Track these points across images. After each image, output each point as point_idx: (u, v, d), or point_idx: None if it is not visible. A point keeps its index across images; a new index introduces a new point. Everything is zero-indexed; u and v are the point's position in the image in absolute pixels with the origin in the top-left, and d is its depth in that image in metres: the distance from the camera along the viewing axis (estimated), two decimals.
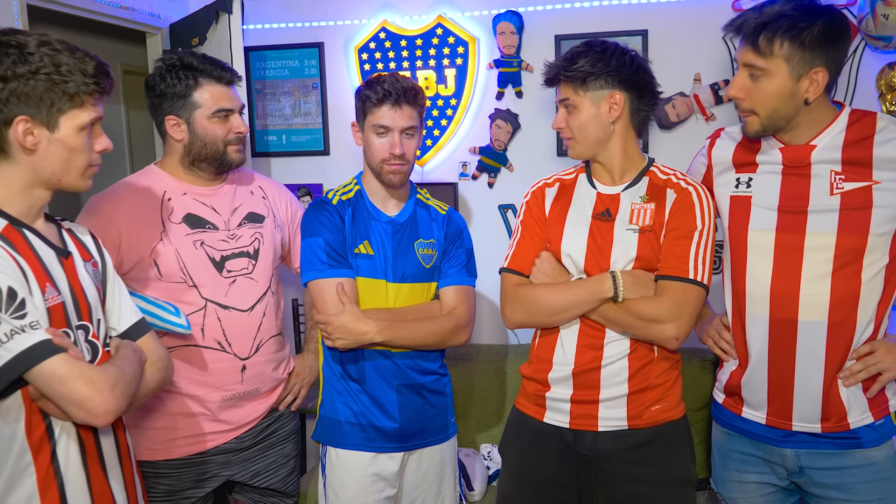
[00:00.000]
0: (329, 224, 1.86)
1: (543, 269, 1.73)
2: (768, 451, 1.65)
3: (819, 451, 1.60)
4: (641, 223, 1.66)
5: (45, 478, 1.30)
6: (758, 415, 1.66)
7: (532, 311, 1.71)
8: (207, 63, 1.88)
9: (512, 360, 2.76)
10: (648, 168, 1.74)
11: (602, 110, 1.67)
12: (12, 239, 1.30)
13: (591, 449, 1.70)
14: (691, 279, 1.61)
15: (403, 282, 1.88)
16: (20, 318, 1.22)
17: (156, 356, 1.53)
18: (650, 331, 1.62)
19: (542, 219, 1.78)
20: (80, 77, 1.32)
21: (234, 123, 1.90)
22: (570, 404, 1.71)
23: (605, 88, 1.66)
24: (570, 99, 1.68)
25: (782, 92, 1.53)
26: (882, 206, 1.52)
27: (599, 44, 1.68)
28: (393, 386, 1.87)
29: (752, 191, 1.63)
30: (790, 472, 1.64)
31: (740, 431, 1.70)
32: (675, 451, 1.71)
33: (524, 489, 1.78)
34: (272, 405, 2.02)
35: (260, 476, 2.01)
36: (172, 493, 1.88)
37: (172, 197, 1.88)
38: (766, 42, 1.50)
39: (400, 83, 1.82)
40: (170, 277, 1.82)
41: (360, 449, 1.88)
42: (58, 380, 1.23)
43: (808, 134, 1.58)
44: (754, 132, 1.60)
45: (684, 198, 1.66)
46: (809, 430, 1.60)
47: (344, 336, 1.78)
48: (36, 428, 1.29)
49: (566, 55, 1.69)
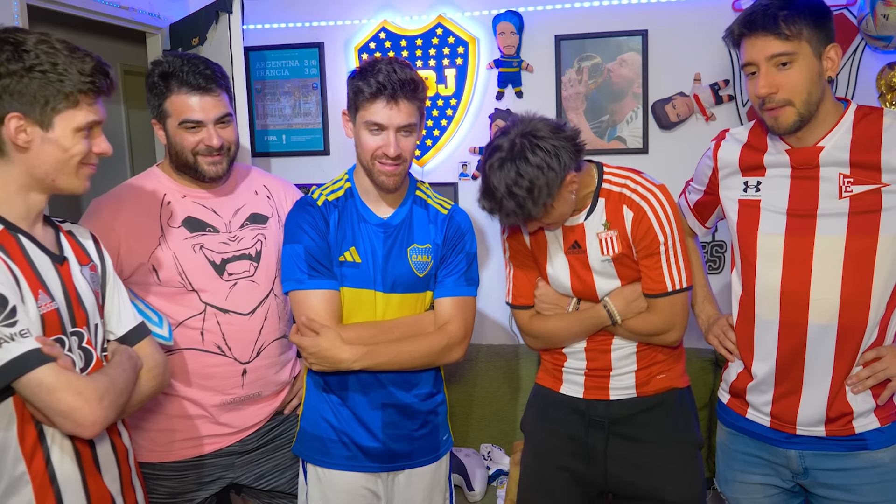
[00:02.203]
0: (310, 230, 1.73)
1: (545, 299, 1.83)
2: (773, 452, 1.65)
3: (824, 452, 1.58)
4: (613, 252, 1.72)
5: (42, 486, 1.28)
6: (762, 417, 1.65)
7: (547, 343, 1.86)
8: (183, 68, 1.78)
9: (513, 360, 2.76)
10: (600, 186, 1.71)
11: (566, 195, 1.61)
12: (6, 244, 1.29)
13: (603, 415, 1.80)
14: (672, 291, 1.70)
15: (394, 291, 1.75)
16: (10, 327, 1.20)
17: (152, 362, 1.51)
18: (653, 341, 1.77)
19: (525, 251, 1.84)
20: (77, 76, 1.30)
21: (203, 135, 1.80)
22: (585, 377, 1.82)
23: (559, 183, 1.56)
24: (537, 218, 1.62)
25: (812, 73, 1.49)
26: (891, 208, 1.49)
27: (519, 156, 1.55)
28: (377, 405, 1.76)
29: (760, 195, 1.61)
30: (795, 474, 1.63)
31: (744, 432, 1.70)
32: (681, 415, 1.81)
33: (539, 460, 1.86)
34: (276, 409, 2.00)
35: (265, 479, 1.99)
36: (174, 496, 1.87)
37: (172, 200, 1.86)
38: (789, 25, 1.47)
39: (397, 74, 1.63)
40: (169, 282, 1.80)
41: (342, 468, 1.78)
42: (45, 390, 1.22)
43: (816, 134, 1.55)
44: (791, 123, 1.52)
45: (639, 217, 1.67)
46: (814, 434, 1.59)
47: (320, 363, 1.69)
48: (28, 436, 1.28)
49: (505, 194, 1.55)
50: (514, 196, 1.55)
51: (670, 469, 1.75)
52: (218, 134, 1.81)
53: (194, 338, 1.83)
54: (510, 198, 1.55)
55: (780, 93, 1.51)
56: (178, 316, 1.82)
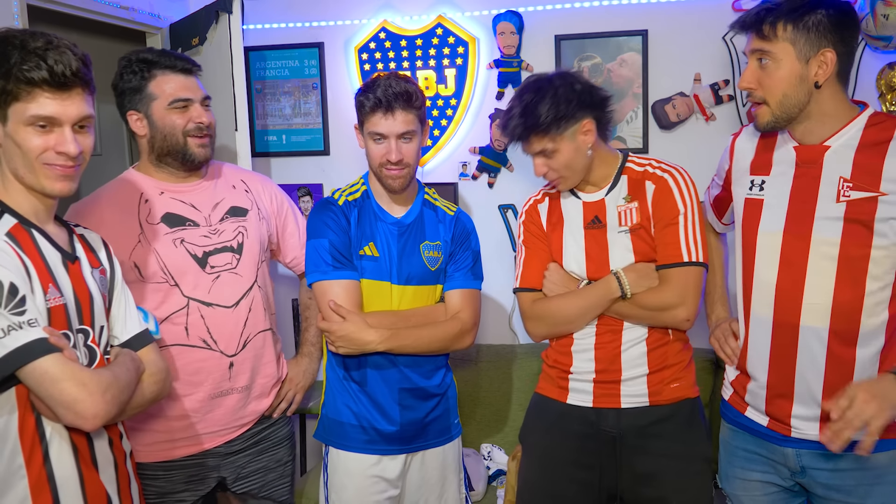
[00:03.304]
0: (334, 225, 1.85)
1: (554, 279, 1.81)
2: (771, 449, 1.64)
3: (819, 451, 1.56)
4: (630, 223, 1.74)
5: (38, 481, 1.28)
6: (760, 416, 1.65)
7: (551, 324, 1.81)
8: (163, 55, 1.86)
9: (514, 361, 2.76)
10: (624, 165, 1.80)
11: (579, 142, 1.72)
12: (19, 238, 1.30)
13: (615, 426, 1.76)
14: (687, 261, 1.69)
15: (408, 284, 1.87)
16: (19, 315, 1.21)
17: (155, 368, 1.52)
18: (662, 318, 1.72)
19: (541, 235, 1.86)
20: (12, 64, 1.24)
21: (193, 113, 1.85)
22: (593, 385, 1.78)
23: (576, 122, 1.70)
24: (548, 147, 1.71)
25: (791, 76, 1.51)
26: (886, 218, 1.47)
27: (546, 83, 1.71)
28: (394, 389, 1.86)
29: (764, 193, 1.62)
30: (793, 472, 1.63)
31: (745, 429, 1.70)
32: (693, 427, 1.78)
33: (546, 472, 1.82)
34: (264, 411, 2.00)
35: (249, 479, 1.99)
36: (163, 496, 1.87)
37: (150, 198, 1.86)
38: (770, 26, 1.50)
39: (392, 88, 1.78)
40: (151, 278, 1.81)
41: (361, 451, 1.88)
42: (49, 379, 1.22)
43: (823, 131, 1.54)
44: (765, 123, 1.57)
45: (662, 187, 1.74)
46: (808, 437, 1.58)
47: (347, 345, 1.79)
48: (28, 428, 1.28)
49: (523, 109, 1.69)
50: (523, 98, 1.70)
51: (678, 484, 1.74)
52: (206, 113, 1.88)
53: (179, 333, 1.83)
54: (520, 100, 1.70)
55: (758, 90, 1.56)
56: (161, 313, 1.82)
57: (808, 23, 1.48)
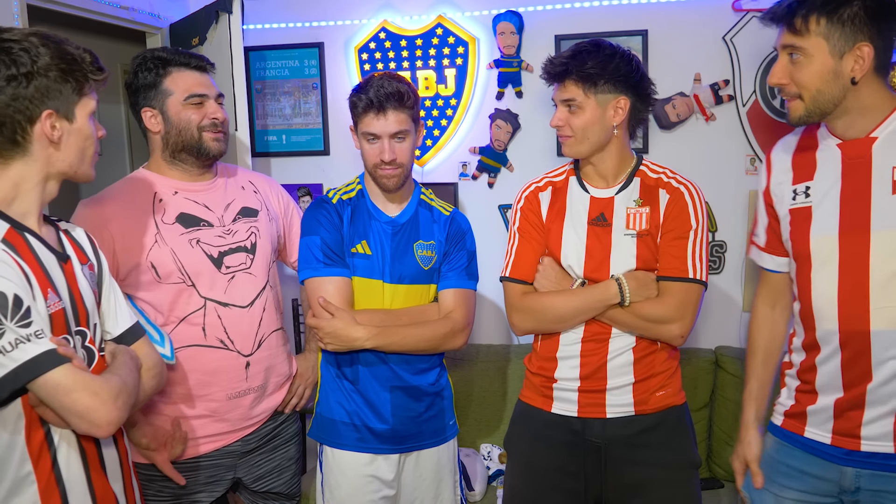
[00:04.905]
0: (326, 223, 1.85)
1: (548, 276, 1.76)
2: (825, 466, 1.52)
3: (886, 473, 1.45)
4: (638, 228, 1.70)
5: (47, 486, 1.28)
6: (822, 435, 1.53)
7: (541, 320, 1.75)
8: (178, 53, 1.89)
9: (512, 361, 2.76)
10: (638, 167, 1.76)
11: (607, 113, 1.68)
12: (15, 243, 1.28)
13: (600, 436, 1.73)
14: (691, 278, 1.66)
15: (401, 283, 1.87)
16: (25, 327, 1.20)
17: (151, 362, 1.53)
18: (656, 331, 1.68)
19: (539, 224, 1.80)
20: (84, 66, 1.34)
21: (208, 109, 1.88)
22: (578, 394, 1.74)
23: (613, 92, 1.67)
24: (577, 99, 1.67)
25: (825, 71, 1.44)
26: None
27: (608, 46, 1.69)
28: (386, 387, 1.86)
29: (810, 199, 1.53)
30: (842, 491, 1.51)
31: (800, 446, 1.58)
32: (679, 435, 1.76)
33: (531, 481, 1.79)
34: (277, 406, 2.02)
35: (264, 479, 2.00)
36: (180, 497, 1.87)
37: (164, 197, 1.87)
38: (802, 20, 1.44)
39: (384, 89, 1.77)
40: (168, 279, 1.81)
41: (354, 449, 1.87)
42: (62, 391, 1.22)
43: (865, 124, 1.47)
44: (798, 118, 1.50)
45: (677, 199, 1.70)
46: (881, 451, 1.46)
47: (335, 341, 1.79)
48: (35, 436, 1.28)
49: (573, 53, 1.68)
50: (581, 45, 1.69)
51: (666, 492, 1.72)
52: (220, 109, 1.91)
53: (196, 334, 1.84)
54: (577, 47, 1.69)
55: (790, 85, 1.50)
56: (179, 313, 1.83)
57: (844, 16, 1.41)
